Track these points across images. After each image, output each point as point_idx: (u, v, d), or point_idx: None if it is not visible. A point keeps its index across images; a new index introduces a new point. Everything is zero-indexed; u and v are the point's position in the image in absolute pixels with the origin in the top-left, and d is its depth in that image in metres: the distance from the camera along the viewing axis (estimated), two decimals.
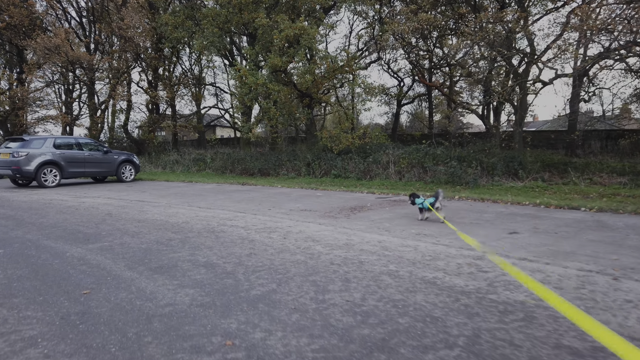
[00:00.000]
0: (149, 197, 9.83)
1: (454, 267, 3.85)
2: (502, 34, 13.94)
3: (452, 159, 13.14)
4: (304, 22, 14.22)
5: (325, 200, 9.00)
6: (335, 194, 10.48)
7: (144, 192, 11.01)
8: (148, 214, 7.23)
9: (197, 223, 6.26)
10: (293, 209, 7.75)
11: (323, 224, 6.15)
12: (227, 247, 4.69)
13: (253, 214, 7.11)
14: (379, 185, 12.70)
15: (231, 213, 7.25)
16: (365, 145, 15.98)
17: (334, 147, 15.60)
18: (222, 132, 48.09)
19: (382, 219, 6.50)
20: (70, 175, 13.22)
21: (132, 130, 30.46)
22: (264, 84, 14.54)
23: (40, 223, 6.37)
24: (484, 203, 8.43)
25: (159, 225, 6.08)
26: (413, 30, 14.62)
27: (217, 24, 16.99)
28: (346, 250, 4.53)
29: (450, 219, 6.43)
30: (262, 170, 16.78)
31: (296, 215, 7.02)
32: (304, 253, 4.41)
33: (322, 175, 15.45)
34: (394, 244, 4.79)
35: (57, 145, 12.97)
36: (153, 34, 21.11)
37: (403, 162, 13.84)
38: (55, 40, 18.65)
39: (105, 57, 22.31)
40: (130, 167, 15.08)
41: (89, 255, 4.39)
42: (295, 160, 16.45)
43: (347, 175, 14.67)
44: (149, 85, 25.12)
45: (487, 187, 11.63)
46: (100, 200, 9.25)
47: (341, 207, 7.89)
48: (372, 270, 3.75)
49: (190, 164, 19.78)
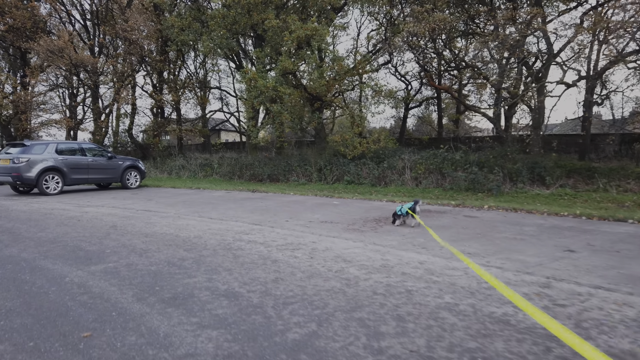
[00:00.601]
0: (156, 206, 9.26)
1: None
2: (520, 33, 13.35)
3: (471, 165, 12.53)
4: (315, 23, 13.67)
5: (345, 210, 8.40)
6: (352, 202, 9.88)
7: (150, 201, 10.45)
8: (156, 226, 6.65)
9: (211, 238, 5.67)
10: (312, 220, 7.15)
11: (350, 239, 5.55)
12: (249, 270, 4.09)
13: (270, 227, 6.52)
14: (396, 193, 12.10)
15: (246, 225, 6.66)
16: (379, 150, 15.39)
17: (348, 153, 15.00)
18: (226, 136, 47.61)
19: (414, 233, 5.89)
20: (73, 182, 12.69)
21: (137, 135, 30.02)
22: (274, 87, 13.99)
23: (38, 238, 5.80)
24: (518, 214, 7.81)
25: (169, 241, 5.49)
26: (429, 30, 14.05)
27: (225, 26, 16.48)
28: (386, 274, 3.93)
29: (488, 234, 5.83)
30: (271, 176, 16.21)
31: (317, 227, 6.42)
32: (338, 278, 3.82)
33: (334, 182, 14.86)
34: (439, 266, 4.19)
35: (60, 151, 12.44)
36: (158, 36, 20.65)
37: (420, 168, 13.23)
38: (59, 43, 18.19)
39: (110, 60, 21.85)
40: (135, 173, 14.54)
41: (91, 280, 3.81)
42: (305, 165, 15.88)
43: (361, 182, 14.07)
44: (154, 89, 24.65)
45: (512, 195, 11.01)
46: (104, 210, 8.69)
47: (364, 218, 7.29)
48: (425, 304, 3.15)
49: (196, 170, 19.24)
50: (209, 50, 16.74)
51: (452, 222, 6.92)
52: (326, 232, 6.08)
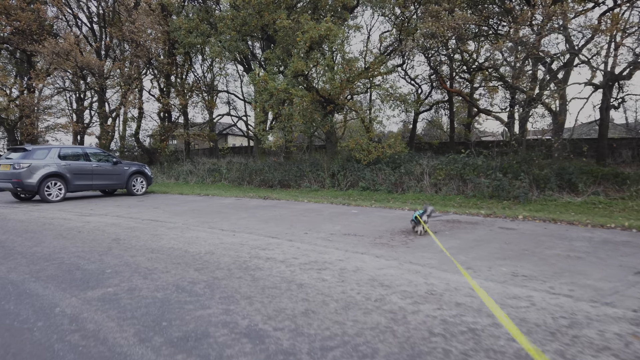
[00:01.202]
0: (163, 215, 8.67)
1: (620, 344, 2.58)
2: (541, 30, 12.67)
3: (495, 170, 11.84)
4: (329, 23, 13.09)
5: (366, 220, 7.75)
6: (372, 211, 9.23)
7: (157, 209, 9.87)
8: (163, 239, 6.04)
9: (224, 254, 5.05)
10: (334, 232, 6.51)
11: (381, 256, 4.90)
12: (272, 298, 3.46)
13: (289, 240, 5.89)
14: (415, 200, 11.44)
15: (262, 239, 6.03)
16: (394, 156, 14.75)
17: (363, 158, 14.36)
18: (234, 141, 47.20)
19: (452, 249, 5.23)
20: (76, 188, 12.15)
21: (144, 139, 29.58)
22: (285, 89, 13.41)
23: (32, 254, 5.21)
24: (559, 225, 7.11)
25: (177, 258, 4.88)
26: (449, 29, 13.42)
27: (235, 27, 15.97)
28: (436, 304, 3.29)
29: (536, 250, 5.16)
30: (282, 182, 15.60)
31: (341, 241, 5.78)
32: (380, 310, 3.18)
33: (347, 188, 14.22)
34: (497, 294, 3.53)
35: (63, 156, 11.91)
36: (165, 39, 20.19)
37: (440, 174, 12.56)
38: (64, 45, 17.76)
39: (117, 62, 21.41)
40: (141, 179, 13.98)
41: (86, 312, 3.20)
42: (318, 171, 15.25)
43: (377, 188, 13.42)
44: (161, 93, 24.19)
45: (540, 203, 10.32)
46: (107, 220, 8.11)
47: (390, 230, 6.64)
48: (501, 350, 2.50)
49: (204, 175, 18.67)
50: (217, 54, 16.21)
51: (489, 235, 6.24)
52: (352, 247, 5.44)
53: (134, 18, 18.77)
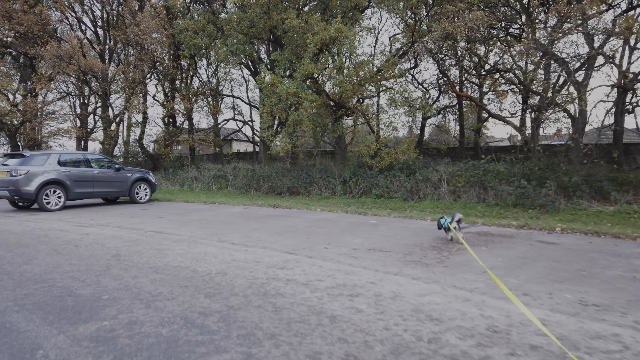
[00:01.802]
0: (168, 226, 8.07)
1: None
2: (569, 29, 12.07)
3: (519, 177, 11.20)
4: (339, 24, 12.53)
5: (389, 232, 7.12)
6: (392, 221, 8.59)
7: (161, 219, 9.27)
8: (168, 255, 5.43)
9: (238, 274, 4.44)
10: (356, 247, 5.88)
11: (418, 278, 4.27)
12: (301, 337, 2.84)
13: (308, 257, 5.27)
14: (433, 208, 10.81)
15: (278, 255, 5.42)
16: (408, 161, 14.13)
17: (375, 164, 13.75)
18: (238, 146, 46.70)
19: (496, 269, 4.60)
20: (76, 196, 11.57)
21: (148, 145, 29.10)
22: (295, 93, 12.82)
23: (21, 273, 4.61)
24: (603, 239, 6.45)
25: (185, 279, 4.27)
26: (466, 30, 12.83)
27: (241, 30, 15.45)
28: (507, 347, 2.65)
29: (594, 271, 4.53)
30: (291, 189, 14.99)
31: (367, 258, 5.16)
32: (439, 357, 2.54)
33: (360, 195, 13.60)
34: (575, 332, 2.90)
35: (62, 162, 11.34)
36: (170, 41, 19.70)
37: (459, 181, 11.92)
38: (66, 48, 17.29)
39: (121, 66, 20.95)
40: (145, 187, 13.40)
41: (74, 356, 2.58)
42: (328, 177, 14.63)
43: (391, 196, 12.79)
44: (166, 97, 23.69)
45: (570, 212, 9.65)
46: (107, 231, 7.51)
47: (418, 245, 6.00)
48: None
49: (210, 182, 18.09)
50: (224, 57, 15.68)
51: (531, 251, 5.60)
52: (381, 265, 4.81)
53: (138, 21, 18.30)
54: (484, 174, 11.76)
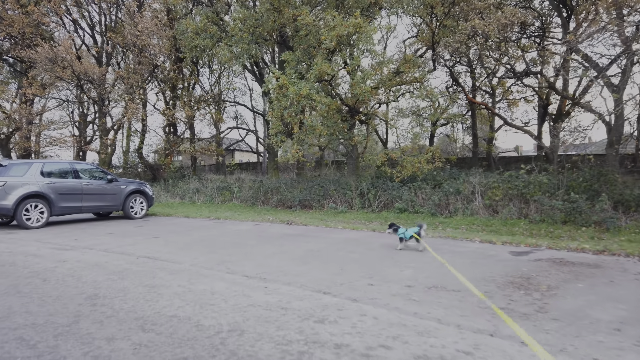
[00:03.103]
0: (165, 250, 6.67)
1: None
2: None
3: (567, 190, 9.82)
4: (358, 19, 11.27)
5: (440, 261, 5.71)
6: (436, 244, 7.17)
7: (157, 239, 7.87)
8: (162, 296, 4.04)
9: (261, 334, 3.05)
10: (411, 283, 4.48)
11: (531, 344, 2.87)
12: None
13: (352, 300, 3.88)
14: (469, 225, 9.42)
15: (310, 296, 4.02)
16: (432, 172, 12.78)
17: (396, 174, 12.40)
18: (241, 157, 45.53)
19: (627, 323, 3.19)
20: (62, 211, 10.17)
21: (147, 155, 27.81)
22: (307, 95, 11.52)
23: None
24: None
25: (184, 341, 2.89)
26: (498, 27, 11.55)
27: (247, 29, 14.21)
28: None
29: None
30: (302, 202, 13.59)
31: (434, 303, 3.76)
32: None
33: (380, 209, 12.21)
34: None
35: (46, 173, 9.94)
36: (171, 44, 18.48)
37: (496, 193, 10.53)
38: (59, 50, 16.03)
39: (118, 70, 19.71)
40: (141, 200, 12.00)
41: None
42: (344, 189, 13.25)
43: (417, 210, 11.39)
44: (166, 105, 22.42)
45: (634, 231, 8.25)
46: (90, 257, 6.11)
47: (491, 279, 4.60)
48: None
49: (213, 194, 16.68)
50: (228, 59, 14.41)
51: None
52: (460, 316, 3.41)
53: (136, 22, 17.08)
54: (524, 186, 10.37)
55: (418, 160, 12.33)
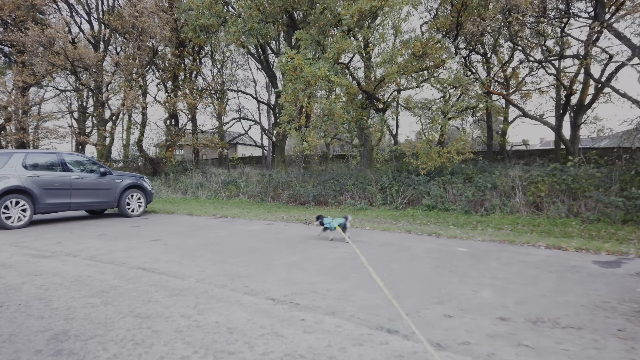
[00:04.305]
0: (164, 257, 5.45)
1: None
2: None
3: (628, 185, 8.58)
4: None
5: (517, 275, 4.46)
6: (491, 249, 5.93)
7: (156, 242, 6.65)
8: (159, 336, 2.82)
9: None
10: (503, 314, 3.24)
11: None
12: None
13: (435, 346, 2.65)
14: (513, 225, 8.17)
15: (368, 336, 2.79)
16: (460, 165, 11.56)
17: (421, 166, 11.17)
18: (243, 151, 44.34)
19: None
20: (47, 208, 8.92)
21: (148, 148, 26.59)
22: (325, 77, 10.26)
23: None
24: None
25: None
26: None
27: (255, 6, 12.92)
28: None
29: None
30: (317, 198, 12.36)
31: (557, 350, 2.53)
32: None
33: (405, 206, 10.98)
34: None
35: (29, 165, 8.68)
36: (172, 27, 17.17)
37: (541, 189, 9.27)
38: (51, 33, 14.74)
39: (116, 56, 18.42)
40: (138, 196, 10.77)
41: None
42: (363, 184, 12.01)
43: (447, 207, 10.15)
44: (167, 95, 21.15)
45: None
46: (70, 268, 4.90)
47: (607, 306, 3.37)
48: None
49: (218, 189, 15.44)
50: (236, 38, 13.12)
51: None
52: None
53: (134, 2, 15.77)
54: (573, 181, 9.11)
55: (447, 150, 11.08)
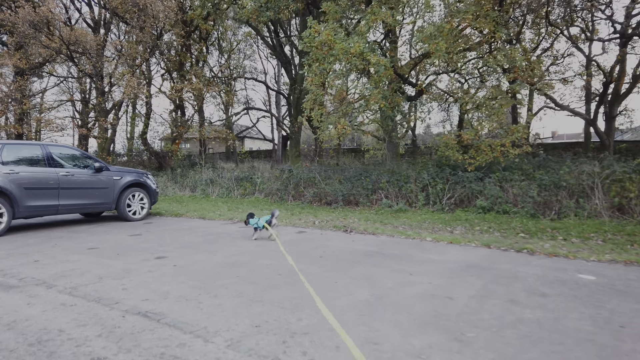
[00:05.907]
0: (175, 290, 3.86)
1: None
2: None
3: None
4: None
5: None
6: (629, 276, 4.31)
7: (163, 259, 5.08)
8: None
9: None
10: None
11: None
12: None
13: None
14: (604, 232, 6.52)
15: None
16: (514, 160, 9.93)
17: (469, 161, 9.55)
18: (251, 144, 42.91)
19: None
20: (30, 212, 7.33)
21: (153, 141, 25.10)
22: (361, 54, 8.62)
23: None
24: None
25: None
26: None
27: None
28: None
29: None
30: (346, 198, 10.75)
31: None
32: None
33: (452, 208, 9.35)
34: None
35: (7, 160, 7.16)
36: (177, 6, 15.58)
37: (630, 189, 7.61)
38: (43, 12, 13.16)
39: (116, 40, 16.86)
40: (141, 196, 9.15)
41: None
42: (399, 181, 10.38)
43: (506, 209, 8.50)
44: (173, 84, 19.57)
45: None
46: (37, 312, 3.33)
47: None
48: None
49: (230, 186, 13.86)
50: (253, 11, 11.49)
51: None
52: None
53: None
54: None
55: (500, 143, 9.43)
